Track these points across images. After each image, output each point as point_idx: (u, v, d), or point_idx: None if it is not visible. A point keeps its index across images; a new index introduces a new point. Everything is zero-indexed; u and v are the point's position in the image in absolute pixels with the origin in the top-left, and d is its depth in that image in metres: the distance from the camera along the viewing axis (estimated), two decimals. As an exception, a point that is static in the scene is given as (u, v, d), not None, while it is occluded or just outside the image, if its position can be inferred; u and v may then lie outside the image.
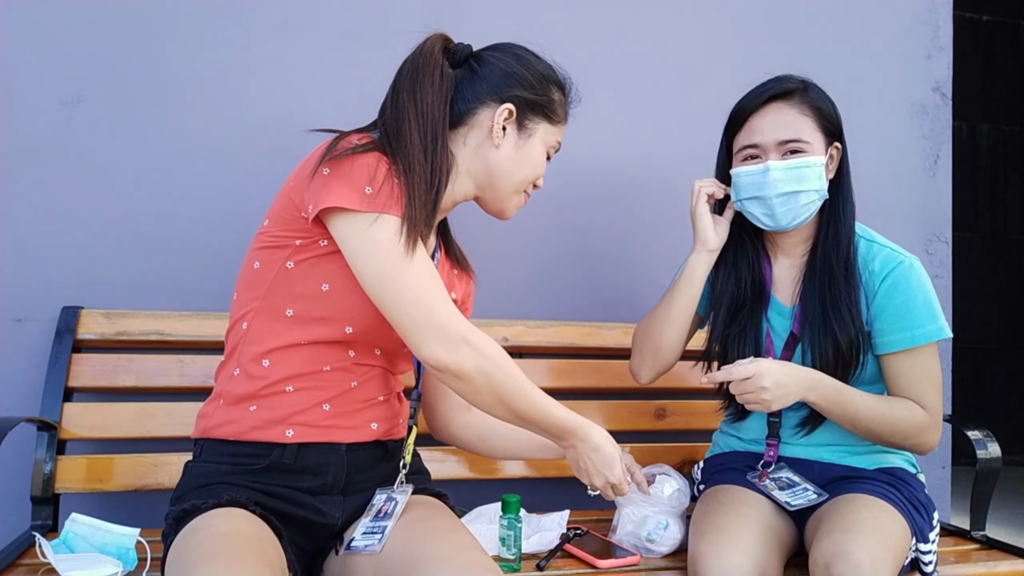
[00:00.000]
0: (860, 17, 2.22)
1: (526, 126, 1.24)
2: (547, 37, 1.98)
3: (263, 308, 1.14)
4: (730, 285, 1.50)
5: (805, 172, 1.37)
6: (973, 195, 4.89)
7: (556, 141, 1.30)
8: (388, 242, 1.05)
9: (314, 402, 1.15)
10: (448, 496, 1.31)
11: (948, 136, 2.28)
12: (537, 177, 1.29)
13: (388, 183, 1.07)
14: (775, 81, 1.42)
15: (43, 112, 1.66)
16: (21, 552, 1.35)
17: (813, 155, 1.38)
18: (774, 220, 1.41)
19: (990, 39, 4.92)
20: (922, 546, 1.34)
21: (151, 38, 1.72)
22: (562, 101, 1.29)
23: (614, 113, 2.03)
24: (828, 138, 1.42)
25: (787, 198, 1.38)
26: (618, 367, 1.90)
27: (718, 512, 1.34)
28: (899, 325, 1.37)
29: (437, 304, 1.06)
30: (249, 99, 1.77)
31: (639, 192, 2.04)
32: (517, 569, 1.34)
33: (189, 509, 1.06)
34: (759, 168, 1.39)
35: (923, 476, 1.49)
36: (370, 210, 1.05)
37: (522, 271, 1.94)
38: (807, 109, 1.39)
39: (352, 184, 1.06)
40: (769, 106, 1.40)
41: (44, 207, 1.65)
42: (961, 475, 2.27)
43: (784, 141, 1.38)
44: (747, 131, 1.42)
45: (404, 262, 1.05)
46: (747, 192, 1.41)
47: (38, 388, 1.57)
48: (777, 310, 1.49)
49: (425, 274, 1.07)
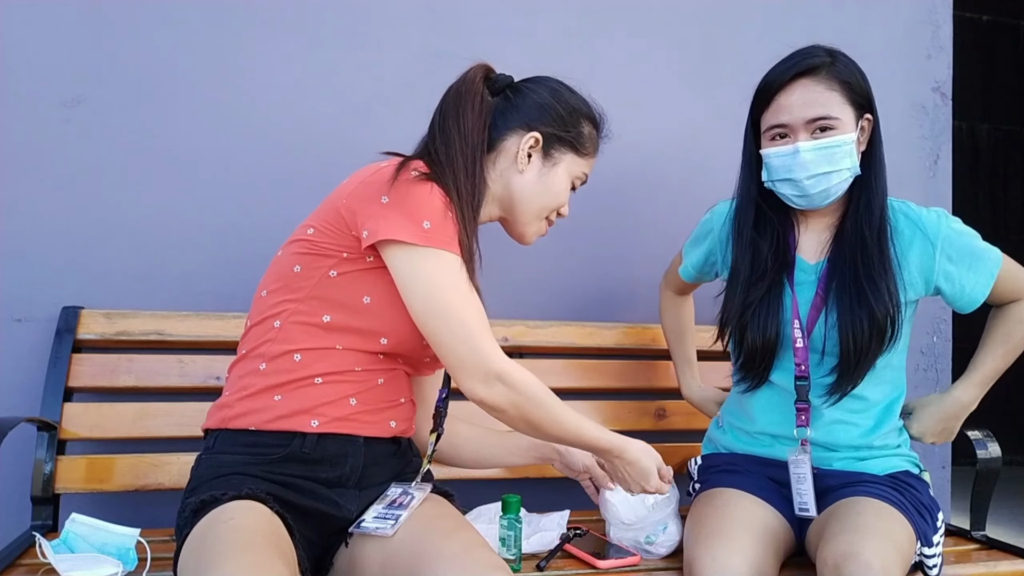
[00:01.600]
0: (860, 17, 2.22)
1: (552, 155, 1.28)
2: (547, 35, 1.99)
3: (300, 311, 1.16)
4: (745, 261, 1.46)
5: (836, 151, 1.34)
6: (973, 195, 4.89)
7: (583, 173, 1.34)
8: (441, 278, 1.11)
9: (342, 395, 1.17)
10: (454, 496, 1.32)
11: (948, 136, 2.28)
12: (560, 206, 1.32)
13: (444, 217, 1.13)
14: (801, 55, 1.37)
15: (43, 112, 1.66)
16: (21, 552, 1.35)
17: (844, 132, 1.34)
18: (807, 200, 1.39)
19: (990, 39, 4.92)
20: (926, 550, 1.33)
21: (151, 38, 1.72)
22: (592, 135, 1.34)
23: (614, 113, 2.01)
24: (858, 111, 1.37)
25: (819, 179, 1.35)
26: (618, 367, 1.91)
27: (713, 515, 1.33)
28: (974, 268, 1.40)
29: (479, 342, 1.10)
30: (249, 99, 1.77)
31: (639, 192, 2.04)
32: (517, 569, 1.34)
33: (208, 500, 1.05)
34: (789, 149, 1.35)
35: (928, 475, 1.49)
36: (427, 244, 1.10)
37: (522, 271, 1.94)
38: (835, 83, 1.34)
39: (411, 216, 1.10)
40: (796, 83, 1.35)
41: (44, 207, 1.65)
42: (961, 475, 2.26)
43: (813, 119, 1.34)
44: (774, 110, 1.37)
45: (455, 299, 1.10)
46: (778, 174, 1.38)
47: (38, 388, 1.57)
48: (801, 268, 1.45)
49: (472, 311, 1.12)
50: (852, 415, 1.43)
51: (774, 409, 1.47)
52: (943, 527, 1.41)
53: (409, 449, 1.30)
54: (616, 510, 1.45)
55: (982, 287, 1.41)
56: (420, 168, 1.15)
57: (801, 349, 1.41)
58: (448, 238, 1.12)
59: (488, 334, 1.12)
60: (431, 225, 1.10)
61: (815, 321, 1.41)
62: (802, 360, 1.41)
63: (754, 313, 1.43)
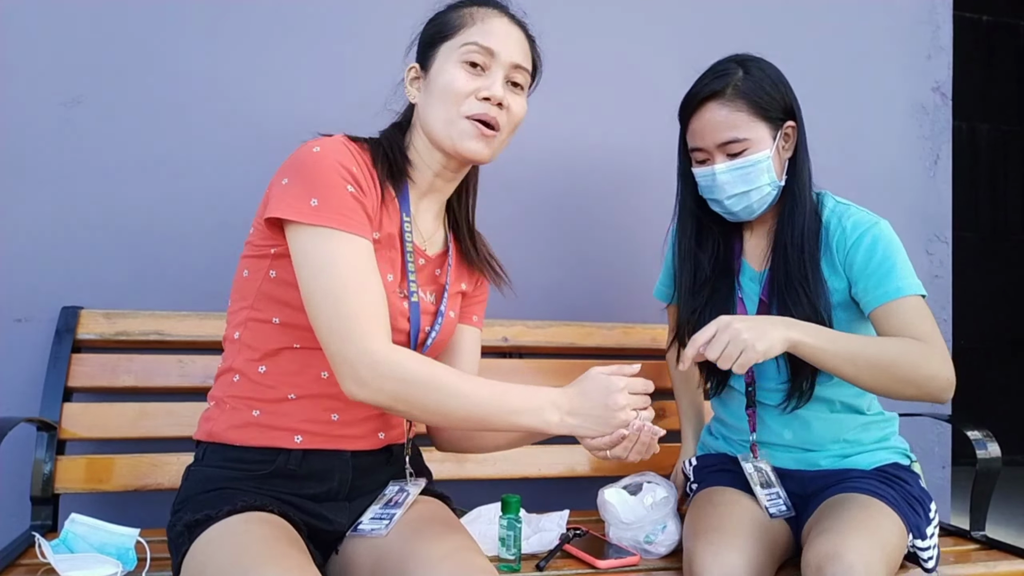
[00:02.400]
0: (860, 17, 2.22)
1: (428, 67, 1.17)
2: (547, 35, 1.98)
3: (253, 316, 1.15)
4: (687, 270, 1.49)
5: (750, 171, 1.36)
6: (973, 195, 4.89)
7: (463, 45, 1.13)
8: (323, 259, 1.03)
9: (321, 410, 1.14)
10: (451, 498, 1.31)
11: (948, 136, 2.28)
12: (459, 96, 1.12)
13: (337, 192, 1.05)
14: (709, 76, 1.39)
15: (43, 112, 1.66)
16: (21, 552, 1.35)
17: (758, 150, 1.36)
18: (733, 215, 1.43)
19: (990, 39, 4.92)
20: (919, 542, 1.33)
21: (151, 38, 1.72)
22: (457, 13, 1.17)
23: (614, 112, 2.02)
24: (774, 123, 1.37)
25: (739, 198, 1.39)
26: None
27: (712, 513, 1.34)
28: (886, 279, 1.34)
29: (351, 331, 1.00)
30: (249, 99, 1.77)
31: (639, 192, 2.04)
32: (517, 569, 1.34)
33: (202, 519, 1.04)
34: (708, 171, 1.39)
35: (918, 466, 1.48)
36: (312, 223, 1.03)
37: (522, 271, 1.93)
38: (741, 103, 1.35)
39: (299, 194, 1.05)
40: (704, 107, 1.37)
41: (44, 207, 1.65)
42: (961, 475, 2.26)
43: (723, 143, 1.36)
44: (691, 133, 1.41)
45: (334, 284, 1.02)
46: (705, 192, 1.43)
47: (38, 388, 1.57)
48: (748, 275, 1.49)
49: (354, 296, 1.02)
50: (823, 414, 1.45)
51: (737, 413, 1.51)
52: (937, 517, 1.40)
53: (402, 454, 1.25)
54: (615, 510, 1.45)
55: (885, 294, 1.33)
56: (332, 141, 1.09)
57: None
58: (339, 215, 1.04)
59: (371, 323, 1.01)
60: (319, 202, 1.04)
61: None
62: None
63: (699, 318, 1.44)
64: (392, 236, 1.16)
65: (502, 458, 1.76)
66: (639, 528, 1.43)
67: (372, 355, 1.00)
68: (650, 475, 1.56)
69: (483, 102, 1.13)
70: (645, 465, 1.77)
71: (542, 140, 1.96)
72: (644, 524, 1.43)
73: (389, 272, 1.15)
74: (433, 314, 1.23)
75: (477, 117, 1.13)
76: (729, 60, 1.40)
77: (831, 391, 1.43)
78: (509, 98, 1.15)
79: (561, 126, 1.98)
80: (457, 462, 1.75)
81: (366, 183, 1.10)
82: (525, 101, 1.20)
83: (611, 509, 1.46)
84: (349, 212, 1.05)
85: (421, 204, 1.23)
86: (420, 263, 1.21)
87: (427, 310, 1.21)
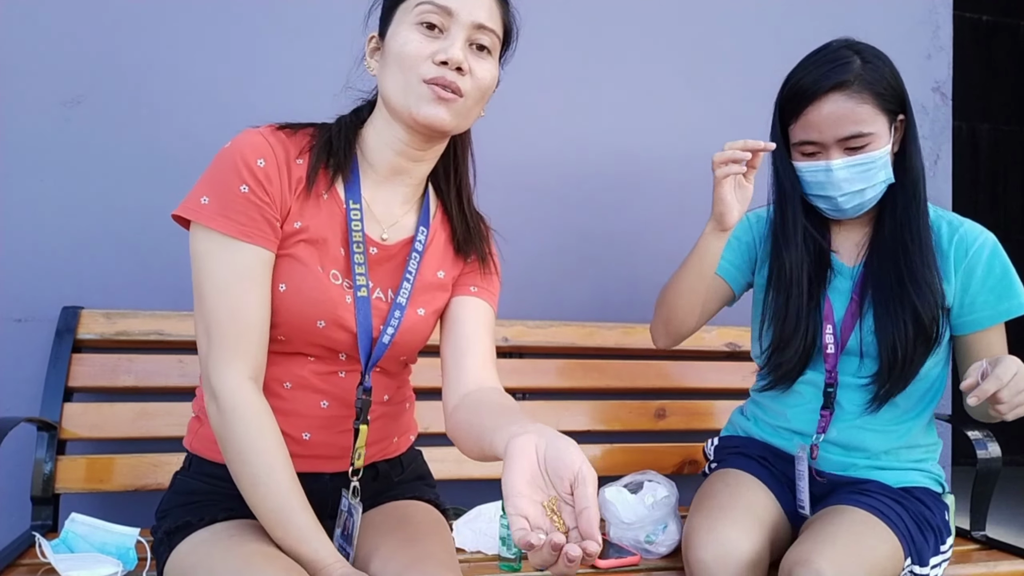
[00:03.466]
0: (860, 17, 2.22)
1: (385, 34, 1.07)
2: (547, 36, 1.98)
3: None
4: (793, 264, 1.37)
5: (871, 167, 1.29)
6: (973, 195, 4.89)
7: (418, 6, 1.02)
8: (199, 264, 1.00)
9: (291, 429, 1.07)
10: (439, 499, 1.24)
11: (948, 136, 2.28)
12: (416, 60, 1.01)
13: (228, 192, 0.99)
14: (830, 63, 1.28)
15: (43, 112, 1.66)
16: (21, 552, 1.35)
17: (878, 146, 1.28)
18: (841, 213, 1.36)
19: (990, 39, 4.91)
20: (917, 568, 1.28)
21: (151, 38, 1.72)
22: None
23: (614, 113, 2.02)
24: (891, 116, 1.31)
25: (853, 196, 1.31)
26: (618, 367, 1.90)
27: (723, 491, 1.32)
28: (1004, 296, 1.32)
29: (207, 350, 0.98)
30: (249, 99, 1.77)
31: (639, 192, 2.04)
32: (517, 569, 1.34)
33: (182, 526, 1.02)
34: (821, 166, 1.30)
35: (951, 499, 1.42)
36: (198, 221, 0.99)
37: (522, 271, 1.94)
38: (867, 95, 1.27)
39: (196, 191, 1.01)
40: (827, 98, 1.27)
41: (44, 207, 1.65)
42: (961, 475, 2.26)
43: (845, 138, 1.28)
44: (803, 125, 1.30)
45: (203, 292, 0.99)
46: (811, 189, 1.34)
47: (38, 388, 1.57)
48: (839, 271, 1.41)
49: (215, 313, 0.98)
50: (882, 422, 1.38)
51: (803, 408, 1.43)
52: (949, 552, 1.35)
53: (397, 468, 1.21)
54: (616, 509, 1.45)
55: (991, 315, 1.33)
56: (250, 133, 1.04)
57: (832, 355, 1.38)
58: (222, 216, 0.98)
59: (225, 350, 0.97)
60: (209, 200, 0.99)
61: (852, 326, 1.37)
62: (832, 367, 1.38)
63: (797, 316, 1.37)
64: (326, 230, 1.06)
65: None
66: (640, 528, 1.43)
67: (214, 384, 0.97)
68: (651, 474, 1.56)
69: (440, 66, 1.01)
70: (645, 465, 1.78)
71: (544, 141, 1.96)
72: (645, 524, 1.43)
73: (332, 268, 1.06)
74: (387, 310, 1.10)
75: (434, 81, 1.01)
76: (840, 47, 1.30)
77: (903, 399, 1.37)
78: (472, 62, 1.03)
79: (563, 127, 1.98)
80: (457, 462, 1.75)
81: (277, 179, 1.02)
82: (494, 66, 1.08)
83: (612, 508, 1.46)
84: (235, 215, 0.99)
85: (381, 190, 1.12)
86: (372, 253, 1.10)
87: (379, 306, 1.10)
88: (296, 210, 1.05)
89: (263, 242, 1.01)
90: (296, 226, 1.04)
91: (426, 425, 1.74)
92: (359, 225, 1.08)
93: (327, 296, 1.05)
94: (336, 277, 1.07)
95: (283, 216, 1.04)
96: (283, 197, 1.03)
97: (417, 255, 1.12)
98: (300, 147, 1.07)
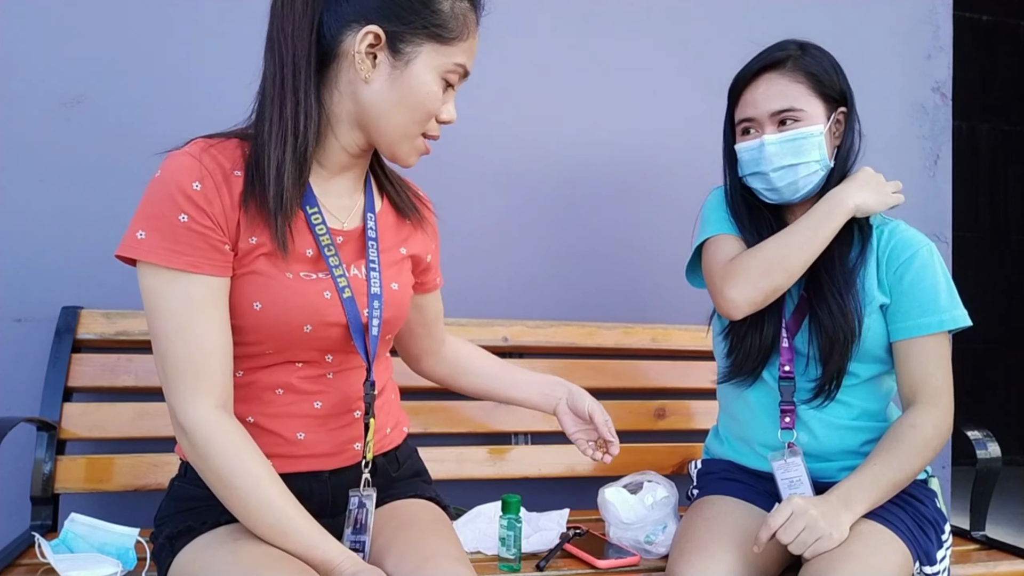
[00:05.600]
0: (860, 17, 2.22)
1: (402, 51, 0.99)
2: (547, 34, 1.99)
3: None
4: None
5: (801, 143, 1.33)
6: (973, 195, 4.89)
7: (454, 64, 1.01)
8: (150, 302, 0.97)
9: (285, 432, 1.07)
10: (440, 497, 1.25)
11: (948, 136, 2.28)
12: (431, 113, 1.02)
13: (165, 223, 0.95)
14: (768, 50, 1.38)
15: (43, 112, 1.66)
16: (21, 552, 1.35)
17: (810, 123, 1.34)
18: (777, 193, 1.38)
19: (990, 39, 4.92)
20: (927, 568, 1.27)
21: (151, 38, 1.72)
22: (459, 10, 1.01)
23: (615, 112, 2.02)
24: (829, 103, 1.36)
25: (785, 171, 1.34)
26: (618, 367, 1.91)
27: (702, 528, 1.29)
28: (929, 308, 1.32)
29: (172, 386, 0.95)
30: (249, 99, 1.77)
31: (639, 191, 2.04)
32: (517, 569, 1.34)
33: (183, 531, 1.02)
34: (755, 143, 1.36)
35: (936, 482, 1.43)
36: (139, 258, 0.96)
37: (522, 271, 1.94)
38: (801, 75, 1.34)
39: (132, 224, 0.97)
40: (761, 77, 1.36)
41: (44, 207, 1.65)
42: (961, 475, 2.26)
43: (776, 112, 1.34)
44: (742, 105, 1.39)
45: (158, 328, 0.96)
46: (748, 168, 1.38)
47: (38, 388, 1.57)
48: None
49: (173, 347, 0.95)
50: (842, 421, 1.39)
51: (764, 412, 1.42)
52: (950, 539, 1.35)
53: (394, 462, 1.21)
54: (616, 509, 1.45)
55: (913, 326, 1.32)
56: (178, 156, 0.99)
57: (786, 349, 1.38)
58: (167, 251, 0.94)
59: (188, 383, 0.95)
60: (145, 234, 0.95)
61: (800, 322, 1.39)
62: (787, 360, 1.38)
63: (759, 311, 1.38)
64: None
65: (502, 458, 1.77)
66: (639, 528, 1.43)
67: (181, 420, 0.95)
68: (651, 474, 1.56)
69: (441, 124, 1.06)
70: (645, 465, 1.78)
71: (543, 140, 1.96)
72: (644, 524, 1.43)
73: (300, 270, 1.04)
74: (366, 295, 1.09)
75: (431, 137, 1.06)
76: (788, 41, 1.38)
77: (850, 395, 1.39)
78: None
79: (562, 127, 1.98)
80: (457, 462, 1.75)
81: (218, 199, 0.97)
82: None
83: (611, 508, 1.46)
84: (178, 246, 0.95)
85: (331, 184, 1.10)
86: (339, 241, 1.08)
87: (360, 290, 1.09)
88: (246, 224, 1.00)
89: (212, 270, 0.97)
90: (252, 241, 1.00)
91: (426, 425, 1.74)
92: (323, 228, 1.05)
93: (306, 300, 1.03)
94: (308, 275, 1.05)
95: (232, 236, 0.99)
96: (227, 216, 0.98)
97: (373, 243, 1.11)
98: (234, 159, 1.02)
